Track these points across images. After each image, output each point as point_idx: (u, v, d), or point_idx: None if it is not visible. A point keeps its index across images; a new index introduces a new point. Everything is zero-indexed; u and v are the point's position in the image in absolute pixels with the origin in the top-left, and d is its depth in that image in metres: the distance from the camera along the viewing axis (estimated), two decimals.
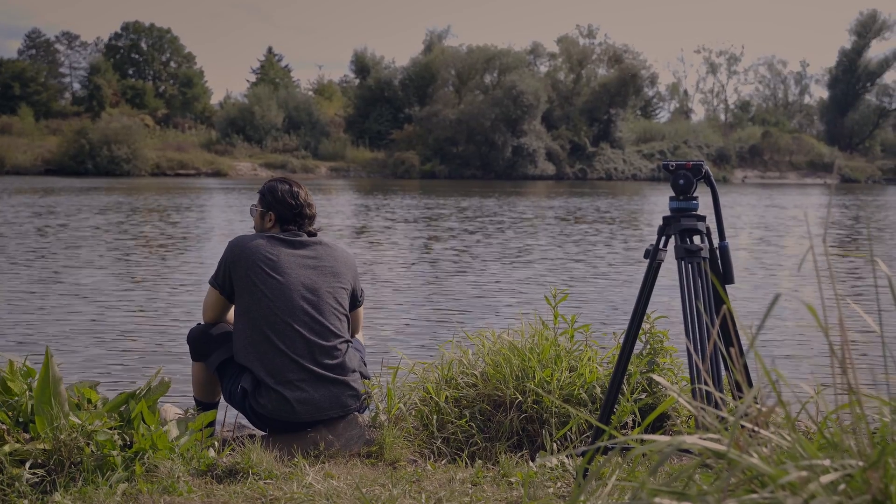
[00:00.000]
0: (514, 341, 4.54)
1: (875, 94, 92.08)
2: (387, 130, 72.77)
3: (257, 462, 3.61)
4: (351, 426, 4.24)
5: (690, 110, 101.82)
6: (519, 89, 68.54)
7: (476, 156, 68.66)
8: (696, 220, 3.42)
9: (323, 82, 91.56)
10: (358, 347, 4.51)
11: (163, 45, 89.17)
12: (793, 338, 8.60)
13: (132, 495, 3.27)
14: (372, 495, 3.38)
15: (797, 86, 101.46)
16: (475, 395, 4.41)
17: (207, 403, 4.50)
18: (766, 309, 1.60)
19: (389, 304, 10.64)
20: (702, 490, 1.55)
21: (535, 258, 15.75)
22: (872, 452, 1.52)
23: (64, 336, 8.46)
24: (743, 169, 78.47)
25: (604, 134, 74.71)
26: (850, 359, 1.61)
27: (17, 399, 3.67)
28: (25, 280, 12.05)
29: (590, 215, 27.41)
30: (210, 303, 4.41)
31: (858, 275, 13.63)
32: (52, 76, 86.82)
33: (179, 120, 80.00)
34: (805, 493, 1.45)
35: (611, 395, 3.57)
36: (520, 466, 3.80)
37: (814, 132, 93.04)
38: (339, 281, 4.32)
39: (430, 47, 79.74)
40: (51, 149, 62.19)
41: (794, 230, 23.50)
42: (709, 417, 1.67)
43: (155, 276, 12.82)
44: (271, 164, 65.29)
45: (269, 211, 4.43)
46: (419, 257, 15.89)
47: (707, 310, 3.26)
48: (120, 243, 17.27)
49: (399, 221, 24.01)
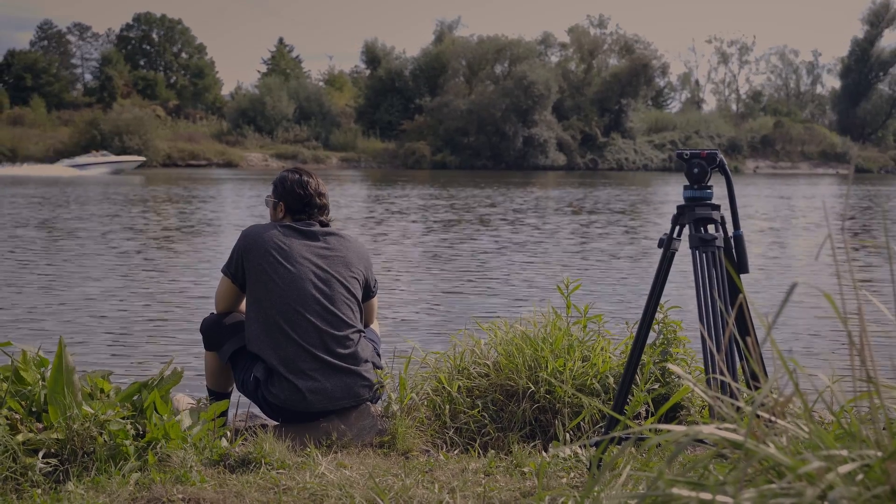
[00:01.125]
0: (526, 331, 4.53)
1: (888, 84, 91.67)
2: (397, 121, 72.74)
3: (270, 452, 3.60)
4: (363, 416, 4.23)
5: (702, 100, 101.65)
6: (530, 79, 68.44)
7: (487, 146, 68.60)
8: (710, 209, 3.40)
9: (333, 73, 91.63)
10: (372, 338, 4.50)
11: (174, 36, 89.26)
12: (809, 328, 8.57)
13: (145, 485, 3.28)
14: (384, 485, 3.37)
15: (809, 76, 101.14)
16: (488, 385, 4.40)
17: (220, 393, 4.50)
18: (782, 298, 1.59)
19: (402, 294, 10.64)
20: (719, 480, 1.54)
21: (547, 248, 15.73)
22: (891, 443, 1.50)
23: (76, 326, 8.49)
24: (755, 159, 78.25)
25: (615, 124, 74.57)
26: (868, 348, 1.59)
27: (30, 389, 3.67)
28: (39, 271, 12.09)
29: (602, 205, 27.36)
30: (223, 292, 4.41)
31: (873, 266, 13.58)
32: (63, 67, 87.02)
33: (191, 111, 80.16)
34: (823, 483, 1.43)
35: (624, 384, 3.55)
36: (532, 456, 3.79)
37: (826, 122, 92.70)
38: (351, 271, 4.31)
39: (441, 38, 79.66)
40: (63, 139, 62.42)
41: (808, 220, 23.43)
42: (725, 407, 1.66)
43: (167, 265, 12.84)
44: (282, 155, 65.39)
45: (280, 201, 4.42)
46: (431, 247, 15.88)
47: (722, 299, 3.24)
48: (133, 233, 17.30)
49: (411, 211, 24.00)
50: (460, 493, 3.30)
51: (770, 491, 1.46)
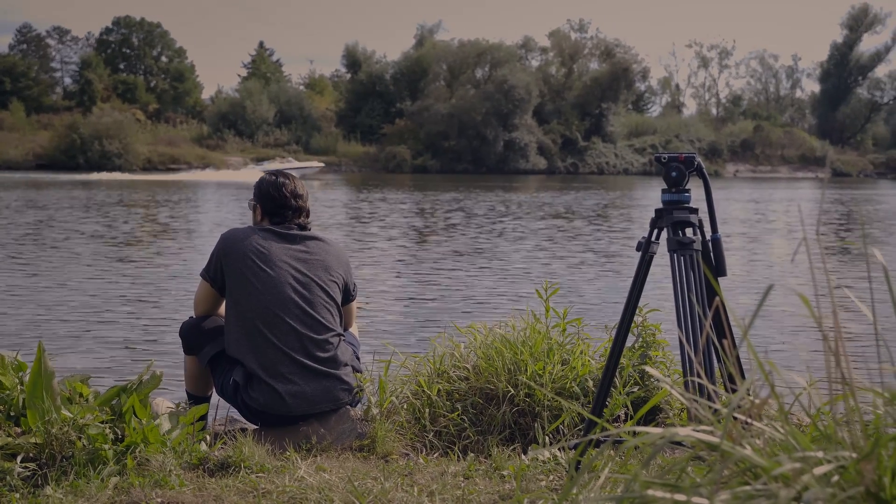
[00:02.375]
0: (505, 334, 4.53)
1: (867, 88, 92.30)
2: (378, 125, 72.77)
3: (249, 455, 3.60)
4: (343, 420, 4.23)
5: (682, 104, 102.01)
6: (510, 83, 68.58)
7: (468, 150, 68.69)
8: (688, 212, 3.42)
9: (314, 77, 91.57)
10: (351, 341, 4.50)
11: (154, 40, 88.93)
12: (786, 330, 8.62)
13: (124, 489, 3.26)
14: (364, 488, 3.37)
15: (789, 80, 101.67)
16: (467, 389, 4.40)
17: (199, 397, 4.49)
18: (758, 301, 1.60)
19: (381, 297, 10.64)
20: (695, 482, 1.54)
21: (527, 252, 15.75)
22: (866, 444, 1.51)
23: (55, 330, 8.44)
24: (734, 163, 78.62)
25: (595, 128, 74.79)
26: (843, 350, 1.60)
27: (8, 393, 3.65)
28: (17, 275, 12.03)
29: (582, 209, 27.41)
30: (201, 296, 4.40)
31: (851, 268, 13.66)
32: (43, 71, 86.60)
33: (171, 115, 79.92)
34: (798, 484, 1.44)
35: (603, 387, 3.56)
36: (512, 459, 3.79)
37: (805, 126, 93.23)
38: (330, 275, 4.30)
39: (422, 42, 79.75)
40: (42, 144, 62.14)
41: (786, 223, 23.54)
42: (702, 409, 1.67)
43: (146, 269, 12.80)
44: (263, 159, 65.23)
45: (258, 203, 4.43)
46: (410, 252, 15.88)
47: (700, 302, 3.26)
48: (111, 237, 17.23)
49: (390, 216, 23.99)
50: (440, 496, 3.31)
51: (745, 493, 1.47)
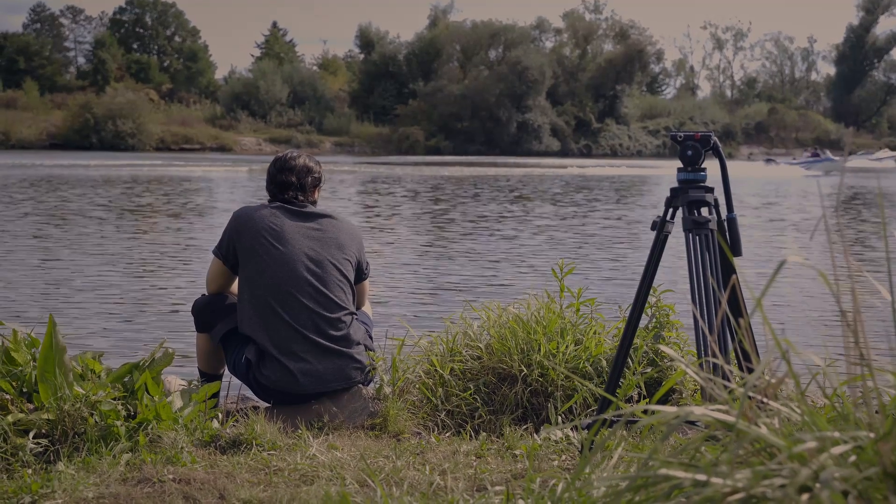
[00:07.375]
0: (519, 314, 4.51)
1: (882, 71, 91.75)
2: (391, 106, 72.64)
3: (261, 433, 3.59)
4: (355, 398, 4.22)
5: (696, 87, 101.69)
6: (524, 65, 68.38)
7: (481, 131, 68.57)
8: (704, 191, 3.39)
9: (327, 57, 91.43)
10: (364, 320, 4.48)
11: (167, 20, 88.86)
12: (804, 309, 8.57)
13: (136, 465, 3.27)
14: (376, 466, 3.37)
15: (804, 62, 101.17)
16: (480, 368, 4.39)
17: (211, 375, 4.49)
18: (777, 280, 1.57)
19: (395, 277, 10.63)
20: (713, 461, 1.53)
21: (541, 232, 15.72)
22: (883, 424, 1.50)
23: (68, 306, 8.46)
24: (749, 145, 78.33)
25: (609, 110, 74.57)
26: (862, 329, 1.58)
27: (20, 369, 3.65)
28: (30, 252, 12.06)
29: (596, 189, 27.35)
30: (214, 273, 4.39)
31: (867, 247, 13.59)
32: (56, 50, 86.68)
33: (184, 94, 79.91)
34: (815, 464, 1.43)
35: (616, 367, 3.54)
36: (524, 439, 3.78)
37: (820, 109, 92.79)
38: (343, 253, 4.29)
39: (435, 22, 79.49)
40: (56, 123, 62.21)
41: (803, 204, 23.44)
42: (717, 389, 1.65)
43: (160, 246, 12.81)
44: (276, 139, 65.31)
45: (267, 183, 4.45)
46: (424, 231, 15.87)
47: (715, 281, 3.23)
48: (125, 215, 17.27)
49: (404, 196, 23.97)
50: (451, 474, 3.30)
51: (765, 471, 1.46)
